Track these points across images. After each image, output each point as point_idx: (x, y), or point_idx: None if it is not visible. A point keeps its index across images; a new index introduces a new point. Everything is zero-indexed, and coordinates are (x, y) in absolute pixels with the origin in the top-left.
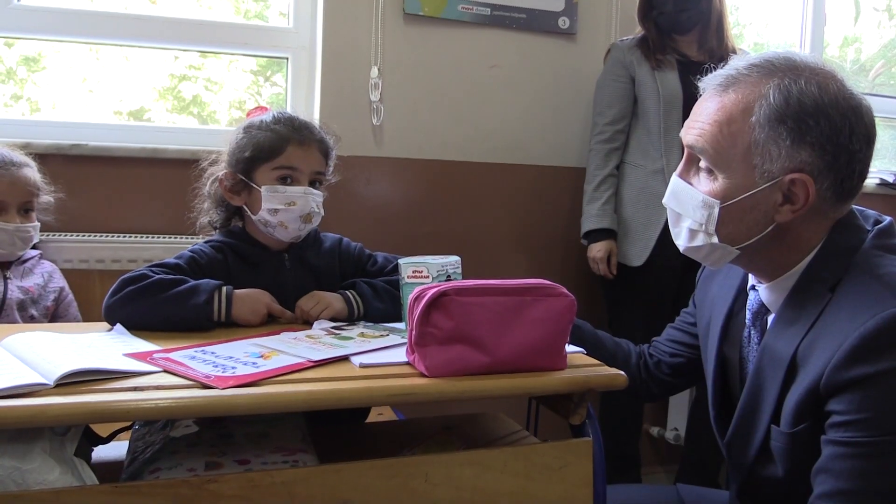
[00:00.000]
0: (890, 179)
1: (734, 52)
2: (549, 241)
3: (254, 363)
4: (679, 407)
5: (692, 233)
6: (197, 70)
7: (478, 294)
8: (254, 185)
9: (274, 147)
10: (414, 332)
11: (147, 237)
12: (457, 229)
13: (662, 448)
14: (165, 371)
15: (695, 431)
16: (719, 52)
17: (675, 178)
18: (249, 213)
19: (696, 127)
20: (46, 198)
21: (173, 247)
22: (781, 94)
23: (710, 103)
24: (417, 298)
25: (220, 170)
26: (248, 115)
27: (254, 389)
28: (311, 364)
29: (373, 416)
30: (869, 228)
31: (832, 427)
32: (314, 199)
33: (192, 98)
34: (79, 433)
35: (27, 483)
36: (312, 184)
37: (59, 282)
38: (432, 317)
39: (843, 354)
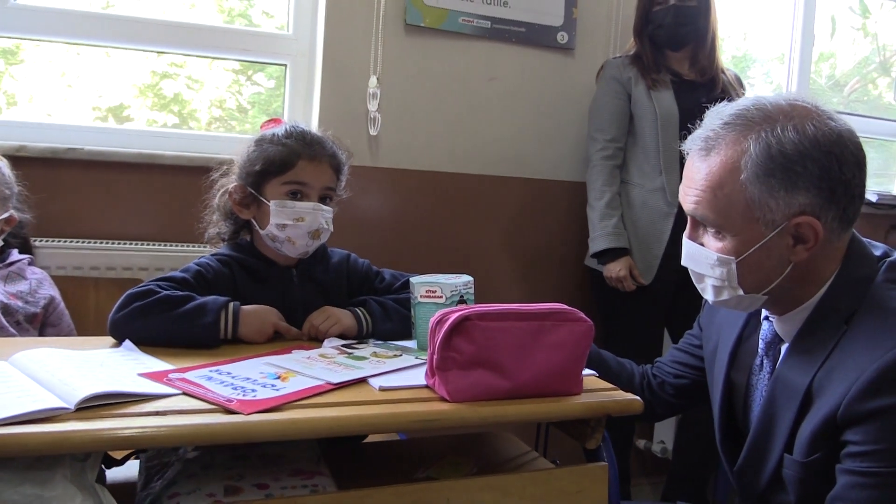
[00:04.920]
0: (873, 199)
1: (723, 72)
2: (545, 254)
3: (273, 385)
4: (666, 420)
5: (717, 289)
6: (179, 68)
7: (499, 319)
8: (263, 200)
9: (284, 161)
10: (436, 357)
11: (143, 244)
12: (452, 241)
13: (649, 461)
14: (185, 394)
15: (683, 445)
16: (710, 72)
17: (686, 241)
18: (257, 227)
19: (692, 195)
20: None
21: (169, 255)
22: (763, 148)
23: (697, 168)
24: (440, 322)
25: (231, 182)
26: (262, 127)
27: (279, 415)
28: (331, 387)
29: (373, 435)
30: (878, 257)
31: (849, 457)
32: (323, 216)
33: (174, 96)
34: (99, 458)
35: None
36: (323, 199)
37: (50, 290)
38: (454, 341)
39: (862, 386)
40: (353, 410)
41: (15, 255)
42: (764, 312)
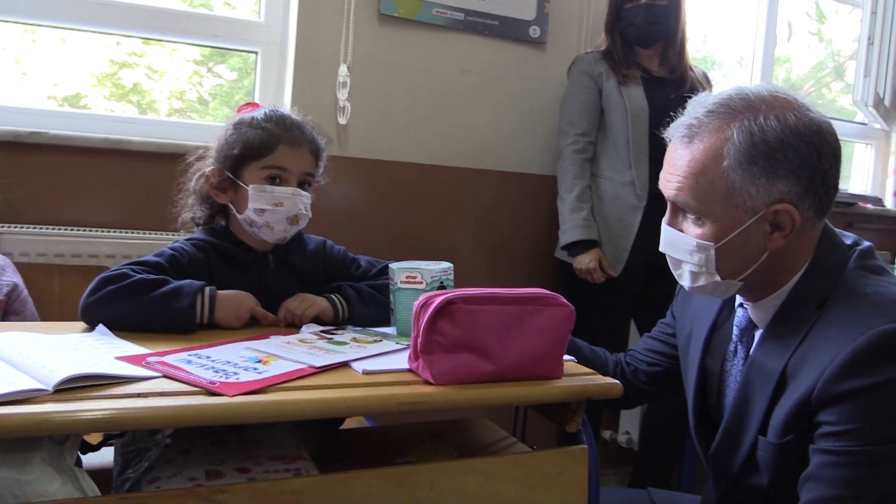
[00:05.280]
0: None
1: (691, 69)
2: (516, 246)
3: (255, 368)
4: (631, 411)
5: (694, 275)
6: (139, 57)
7: (483, 303)
8: (241, 184)
9: (264, 145)
10: (420, 340)
11: (109, 231)
12: (422, 233)
13: (614, 451)
14: (165, 376)
15: (649, 435)
16: (679, 69)
17: (665, 227)
18: (235, 211)
19: (673, 181)
20: None
21: (136, 242)
22: (745, 136)
23: (679, 154)
24: (424, 306)
25: (207, 166)
26: (238, 110)
27: (263, 397)
28: (314, 370)
29: (347, 422)
30: (849, 246)
31: (823, 437)
32: (302, 201)
33: (133, 86)
34: (78, 442)
35: (26, 495)
36: (301, 185)
37: (13, 277)
38: (439, 324)
39: (836, 368)
40: (339, 393)
41: None
42: (738, 300)
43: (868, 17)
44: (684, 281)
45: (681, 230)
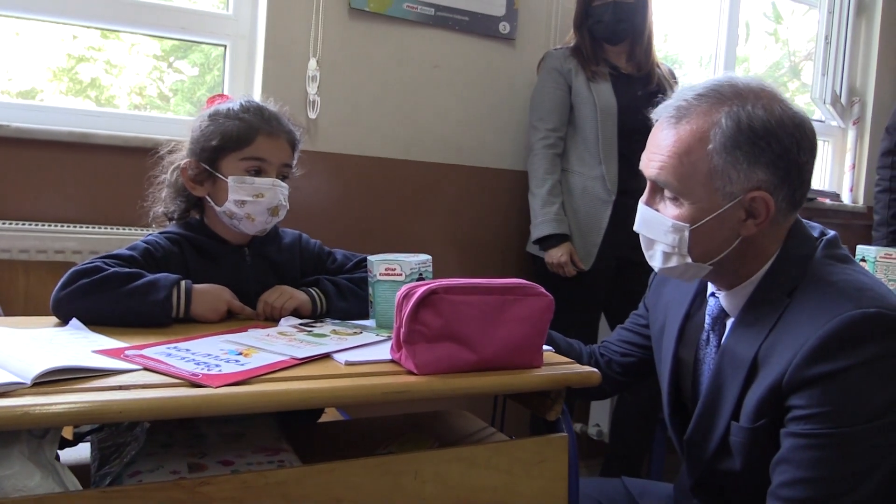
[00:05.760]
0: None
1: (658, 66)
2: (487, 241)
3: (236, 360)
4: (601, 404)
5: (666, 255)
6: (97, 51)
7: (465, 293)
8: (219, 176)
9: (242, 137)
10: (403, 330)
11: (75, 226)
12: (392, 228)
13: (584, 443)
14: (146, 369)
15: (619, 427)
16: (646, 67)
17: (642, 206)
18: (213, 204)
19: (656, 160)
20: None
21: (103, 237)
22: (733, 121)
23: (665, 135)
24: (406, 296)
25: (181, 158)
26: (208, 102)
27: (248, 388)
28: (296, 362)
29: (324, 416)
30: (816, 237)
31: (793, 420)
32: (282, 192)
33: (91, 81)
34: (58, 435)
35: (5, 490)
36: (280, 176)
37: None
38: (421, 314)
39: (805, 354)
40: (323, 383)
41: None
42: (710, 289)
43: (825, 17)
44: (655, 261)
45: (657, 210)
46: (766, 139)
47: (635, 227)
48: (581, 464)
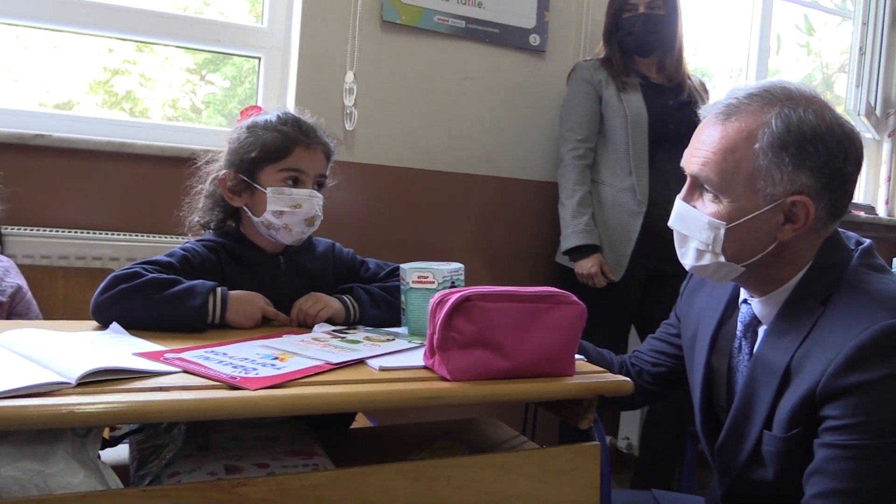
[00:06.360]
0: None
1: (689, 78)
2: (514, 251)
3: (272, 365)
4: (630, 416)
5: (699, 253)
6: (132, 64)
7: (498, 300)
8: (257, 187)
9: (281, 148)
10: (436, 336)
11: (113, 234)
12: (423, 238)
13: (614, 456)
14: (185, 371)
15: (649, 440)
16: (677, 77)
17: (679, 202)
18: (251, 214)
19: (700, 156)
20: None
21: (140, 245)
22: (783, 122)
23: (712, 131)
24: (440, 303)
25: (217, 169)
26: (242, 114)
27: (284, 391)
28: (331, 367)
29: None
30: (852, 248)
31: (827, 431)
32: (318, 202)
33: (126, 94)
34: (100, 435)
35: (50, 487)
36: (315, 187)
37: (17, 279)
38: (455, 321)
39: (840, 363)
40: (357, 388)
41: None
42: (743, 295)
43: (859, 28)
44: (687, 259)
45: (694, 206)
46: (815, 143)
47: (670, 223)
48: (610, 477)
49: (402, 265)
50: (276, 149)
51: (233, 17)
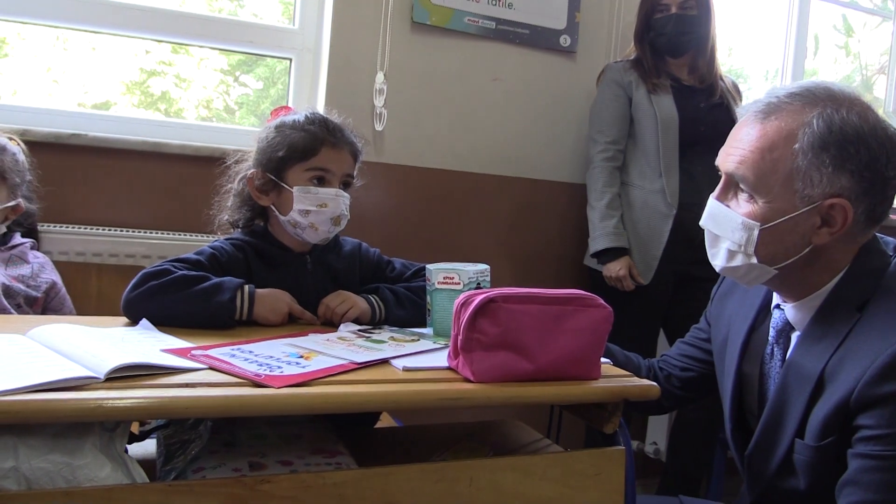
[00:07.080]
0: None
1: (721, 79)
2: (544, 254)
3: (297, 363)
4: (658, 421)
5: (731, 253)
6: (167, 66)
7: (523, 302)
8: (284, 186)
9: (308, 148)
10: (460, 338)
11: (145, 232)
12: (451, 239)
13: (641, 461)
14: (212, 368)
15: (677, 445)
16: (709, 79)
17: (712, 201)
18: (278, 213)
19: (736, 154)
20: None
21: (172, 243)
22: (825, 123)
23: (751, 130)
24: (465, 304)
25: (246, 168)
26: (272, 114)
27: (309, 389)
28: (355, 366)
29: (380, 422)
30: (891, 254)
31: (861, 441)
32: (344, 202)
33: (161, 94)
34: (127, 430)
35: (77, 480)
36: (342, 186)
37: (52, 275)
38: (479, 323)
39: (876, 371)
40: (381, 387)
41: (17, 238)
42: (775, 300)
43: None
44: (718, 260)
45: (728, 206)
46: (857, 145)
47: (701, 223)
48: (637, 482)
49: (427, 265)
50: (302, 148)
51: (266, 18)
